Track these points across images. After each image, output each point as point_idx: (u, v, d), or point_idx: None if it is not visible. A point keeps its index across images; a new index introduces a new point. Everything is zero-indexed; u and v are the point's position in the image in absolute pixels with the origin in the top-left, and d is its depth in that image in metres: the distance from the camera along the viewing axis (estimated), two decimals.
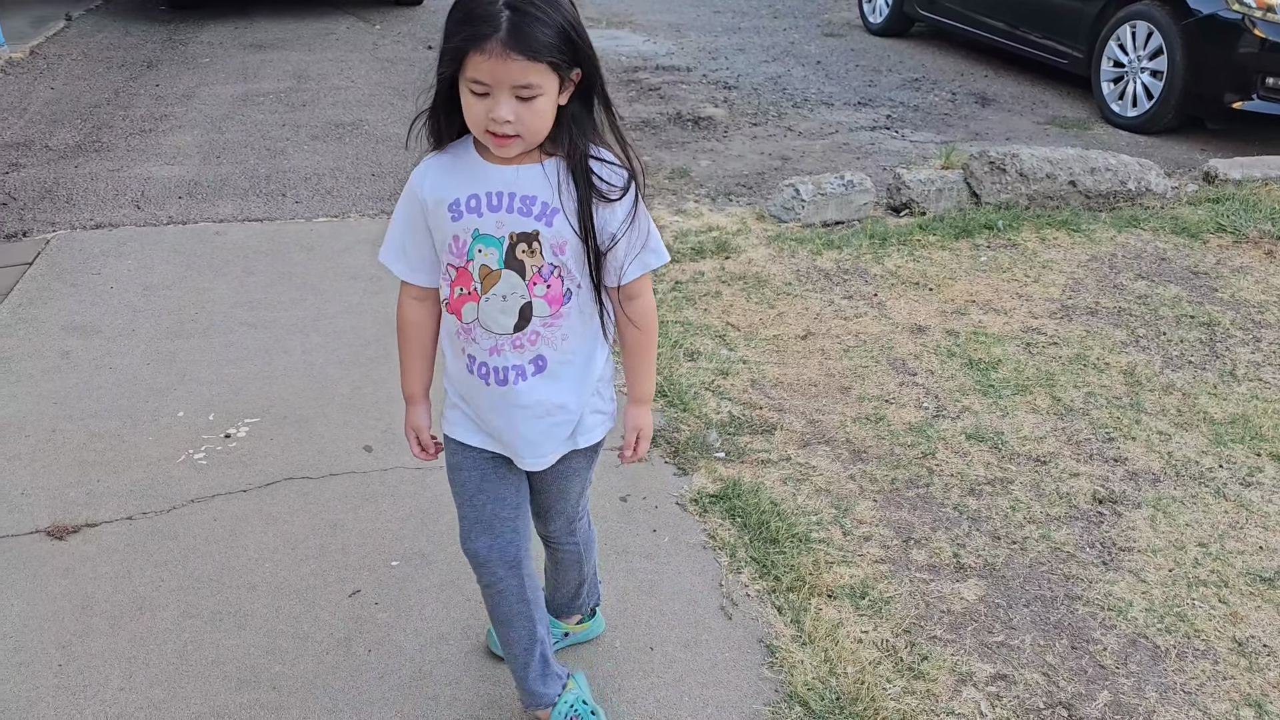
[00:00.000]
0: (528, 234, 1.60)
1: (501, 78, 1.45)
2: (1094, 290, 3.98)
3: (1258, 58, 5.67)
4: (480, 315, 1.65)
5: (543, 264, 1.62)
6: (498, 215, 1.60)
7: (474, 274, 1.63)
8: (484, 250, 1.62)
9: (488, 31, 1.42)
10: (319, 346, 3.45)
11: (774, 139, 5.98)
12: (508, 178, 1.60)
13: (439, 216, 1.63)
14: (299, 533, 2.57)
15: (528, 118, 1.49)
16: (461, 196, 1.61)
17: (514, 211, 1.60)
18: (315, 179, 5.02)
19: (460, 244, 1.62)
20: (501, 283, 1.63)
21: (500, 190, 1.60)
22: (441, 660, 2.18)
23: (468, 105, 1.51)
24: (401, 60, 7.51)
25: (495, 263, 1.62)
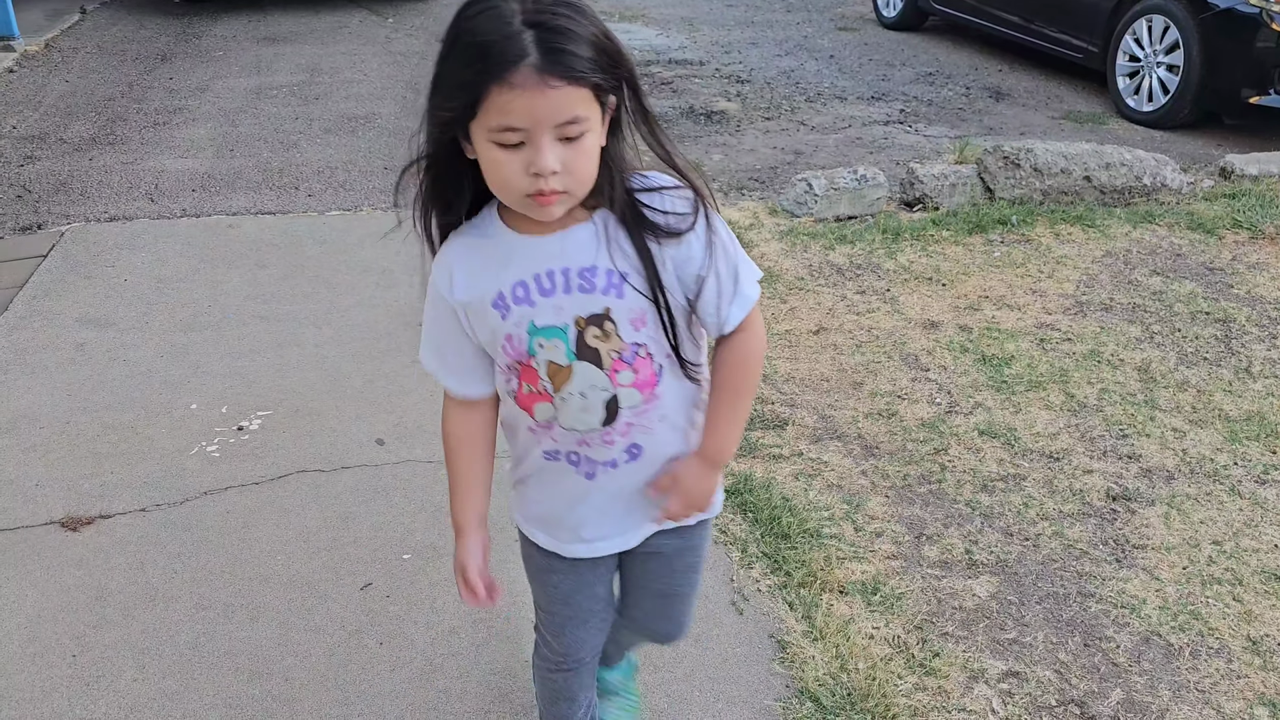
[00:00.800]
0: (597, 315, 1.29)
1: (542, 115, 1.13)
2: (1108, 286, 3.96)
3: (1275, 52, 5.62)
4: (559, 415, 1.36)
5: (623, 347, 1.31)
6: (554, 299, 1.29)
7: (540, 371, 1.32)
8: (546, 344, 1.31)
9: (514, 57, 1.11)
10: (331, 340, 3.46)
11: (787, 133, 5.96)
12: (553, 250, 1.29)
13: (483, 317, 1.33)
14: (311, 525, 2.57)
15: (577, 163, 1.18)
16: (505, 288, 1.30)
17: (573, 291, 1.28)
18: (328, 172, 5.02)
19: (517, 342, 1.32)
20: (576, 378, 1.32)
21: (550, 268, 1.28)
22: (453, 653, 2.19)
23: (494, 165, 1.18)
24: (414, 54, 7.51)
25: (563, 356, 1.31)
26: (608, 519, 1.48)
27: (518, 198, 1.21)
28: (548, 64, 1.12)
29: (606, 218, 1.28)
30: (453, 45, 1.16)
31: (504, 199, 1.24)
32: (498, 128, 1.15)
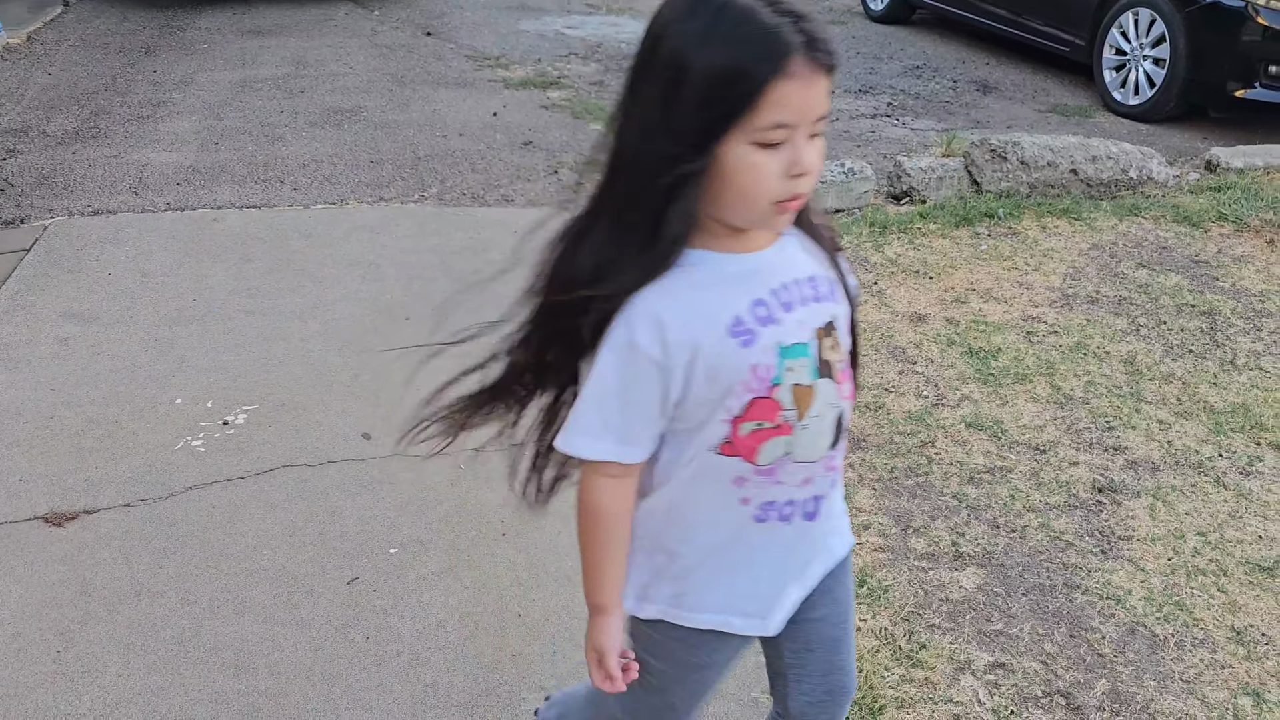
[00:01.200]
0: (829, 325, 1.23)
1: (810, 107, 1.07)
2: (1095, 279, 3.97)
3: (1260, 45, 5.65)
4: (794, 447, 1.23)
5: (844, 357, 1.26)
6: (796, 313, 1.20)
7: (783, 401, 1.20)
8: (794, 366, 1.20)
9: (786, 47, 1.03)
10: (317, 334, 3.44)
11: None
12: (775, 261, 1.21)
13: (718, 357, 1.17)
14: (297, 520, 2.56)
15: (819, 163, 1.13)
16: (741, 311, 1.17)
17: (808, 301, 1.21)
18: (313, 165, 5.00)
19: (763, 371, 1.18)
20: (818, 398, 1.22)
21: (784, 281, 1.20)
22: (440, 647, 2.18)
23: (750, 171, 1.08)
24: (400, 47, 7.48)
25: (809, 375, 1.21)
26: (809, 569, 1.36)
27: (764, 206, 1.12)
28: (813, 51, 1.05)
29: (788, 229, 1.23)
30: (705, 46, 1.05)
31: (740, 212, 1.13)
32: (769, 125, 1.06)
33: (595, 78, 6.80)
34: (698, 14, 1.06)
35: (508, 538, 2.51)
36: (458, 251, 4.09)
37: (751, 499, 1.25)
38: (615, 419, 1.19)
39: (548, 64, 7.09)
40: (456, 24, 8.25)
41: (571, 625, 2.24)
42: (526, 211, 4.55)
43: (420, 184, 4.83)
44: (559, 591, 2.34)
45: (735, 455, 1.22)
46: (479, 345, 1.39)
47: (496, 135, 5.55)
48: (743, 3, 1.05)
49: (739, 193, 1.10)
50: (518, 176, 4.97)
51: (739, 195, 1.11)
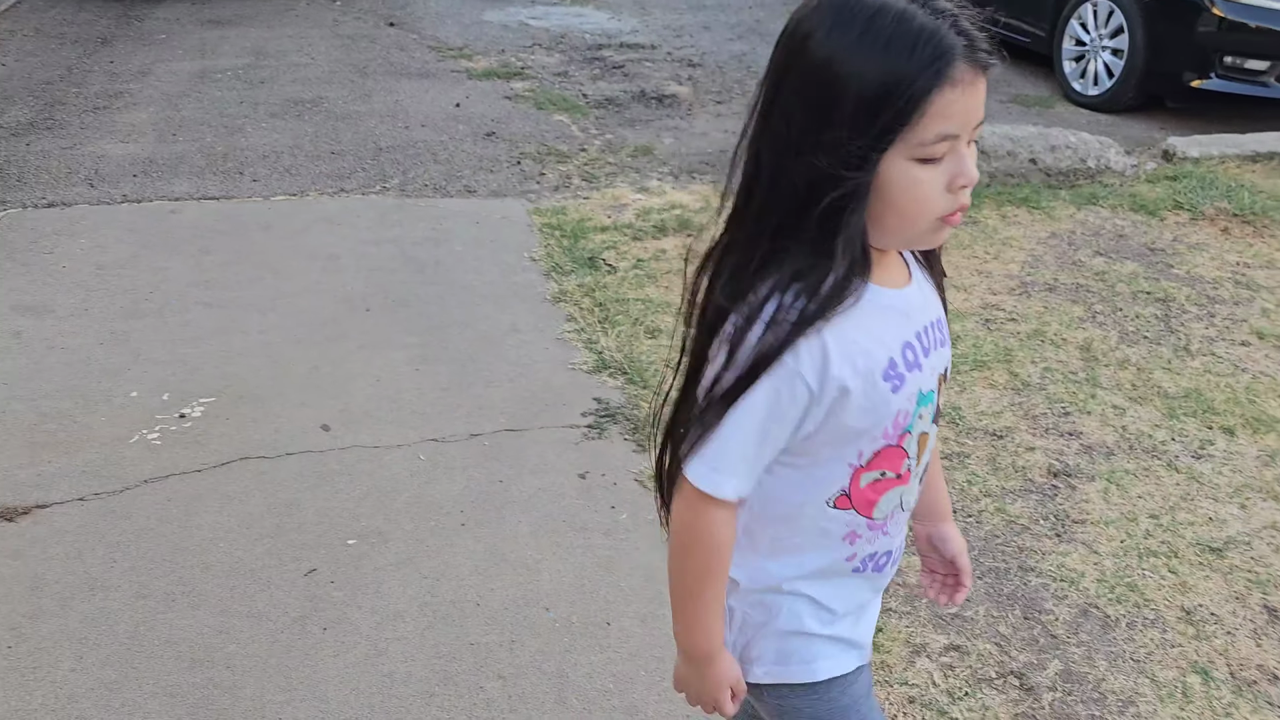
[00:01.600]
0: (946, 369, 1.17)
1: (973, 114, 0.99)
2: (1053, 267, 4.02)
3: (1216, 37, 5.73)
4: (906, 497, 1.17)
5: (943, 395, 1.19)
6: (931, 359, 1.12)
7: (909, 450, 1.13)
8: (924, 414, 1.13)
9: (949, 52, 0.95)
10: (276, 326, 3.41)
11: (738, 117, 5.96)
12: (917, 300, 1.13)
13: (868, 397, 1.07)
14: (254, 512, 2.54)
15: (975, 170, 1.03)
16: (895, 354, 1.08)
17: (937, 346, 1.14)
18: (274, 157, 4.95)
19: (902, 419, 1.10)
20: (929, 445, 1.17)
21: (926, 323, 1.13)
22: (398, 638, 2.17)
23: (912, 188, 1.00)
24: (363, 37, 7.41)
25: (929, 423, 1.15)
26: (875, 603, 1.30)
27: (926, 224, 1.03)
28: (974, 53, 0.96)
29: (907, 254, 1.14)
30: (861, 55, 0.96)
31: (901, 232, 1.05)
32: (934, 138, 0.97)
33: (559, 69, 6.78)
34: (848, 21, 0.97)
35: (467, 527, 2.50)
36: (419, 242, 4.07)
37: (858, 554, 1.17)
38: (752, 452, 1.08)
39: (511, 55, 7.06)
40: (420, 14, 8.19)
41: (530, 615, 2.24)
42: (489, 202, 4.53)
43: (382, 175, 4.80)
44: (518, 581, 2.34)
45: (850, 509, 1.14)
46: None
47: (459, 126, 5.52)
48: (896, 6, 0.96)
49: (901, 211, 1.01)
50: (480, 167, 4.94)
51: (901, 214, 1.02)
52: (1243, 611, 2.31)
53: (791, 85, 1.00)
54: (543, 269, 3.88)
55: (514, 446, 2.83)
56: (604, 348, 3.31)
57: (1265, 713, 2.06)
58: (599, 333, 3.40)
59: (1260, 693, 2.11)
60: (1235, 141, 5.32)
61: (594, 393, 3.08)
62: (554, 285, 3.74)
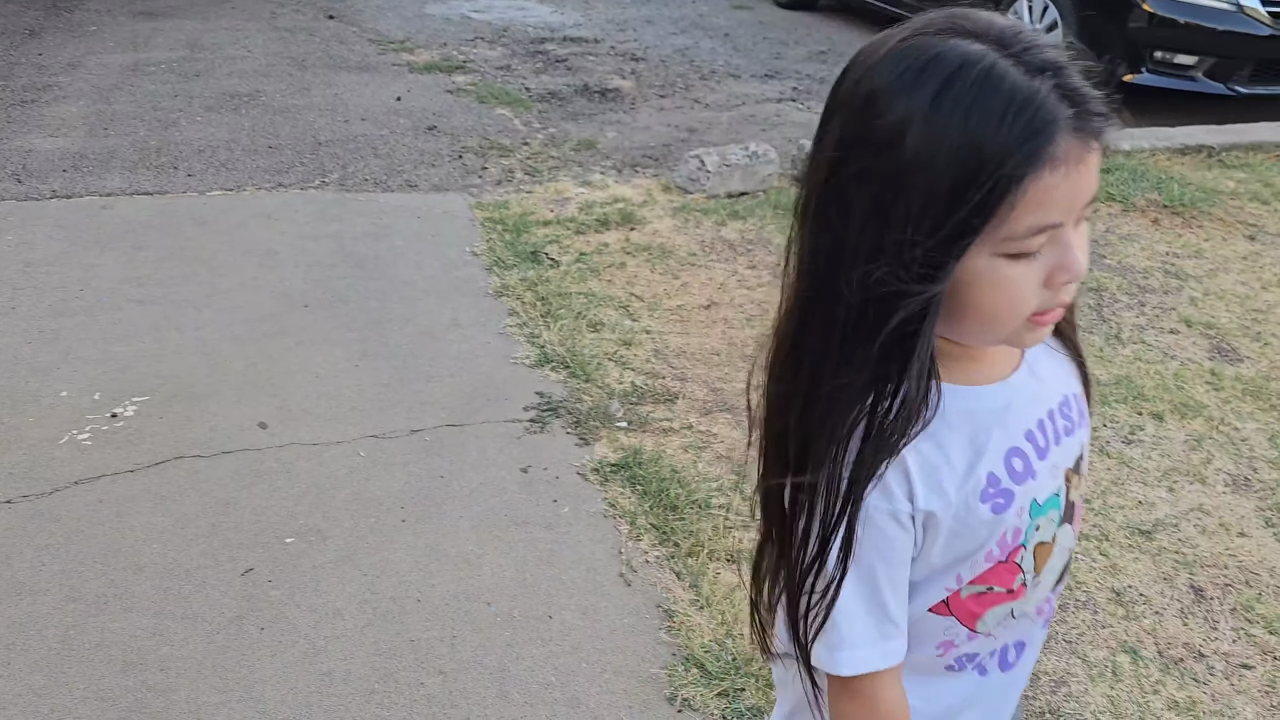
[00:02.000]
0: (1078, 459, 0.98)
1: (1079, 196, 0.79)
2: None
3: (1146, 32, 5.86)
4: (1020, 608, 0.99)
5: (1084, 487, 1.00)
6: (1050, 459, 0.94)
7: (1024, 564, 0.95)
8: (1043, 523, 0.94)
9: (1050, 125, 0.75)
10: (212, 322, 3.35)
11: (681, 111, 5.98)
12: (1027, 389, 0.94)
13: (962, 522, 0.90)
14: (189, 512, 2.50)
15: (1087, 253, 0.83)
16: (996, 469, 0.90)
17: (1062, 437, 0.95)
18: (209, 151, 4.86)
19: (1012, 536, 0.93)
20: (1056, 550, 0.98)
21: (1039, 417, 0.94)
22: (337, 636, 2.15)
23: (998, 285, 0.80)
24: (301, 30, 7.30)
25: (1054, 527, 0.96)
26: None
27: (1015, 324, 0.83)
28: (1085, 120, 0.77)
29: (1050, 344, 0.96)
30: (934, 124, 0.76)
31: (983, 334, 0.86)
32: (1028, 231, 0.77)
33: (502, 62, 6.74)
34: (924, 80, 0.77)
35: (407, 523, 2.48)
36: (359, 238, 4.03)
37: (949, 654, 0.99)
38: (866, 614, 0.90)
39: (453, 48, 7.00)
40: (360, 7, 8.09)
41: (471, 609, 2.23)
42: (430, 197, 4.49)
43: (321, 169, 4.73)
44: (459, 576, 2.32)
45: (950, 617, 0.95)
46: None
47: (400, 120, 5.46)
48: (983, 60, 0.76)
49: (983, 314, 0.83)
50: (421, 162, 4.90)
51: (982, 317, 0.83)
52: (1170, 592, 2.37)
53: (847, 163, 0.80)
54: (484, 263, 3.85)
55: (455, 441, 2.81)
56: (546, 341, 3.30)
57: (1191, 689, 2.12)
58: (541, 327, 3.39)
59: (1186, 670, 2.16)
60: (1165, 135, 5.45)
61: (536, 387, 3.07)
62: (496, 280, 3.72)
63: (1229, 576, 2.44)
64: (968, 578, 0.93)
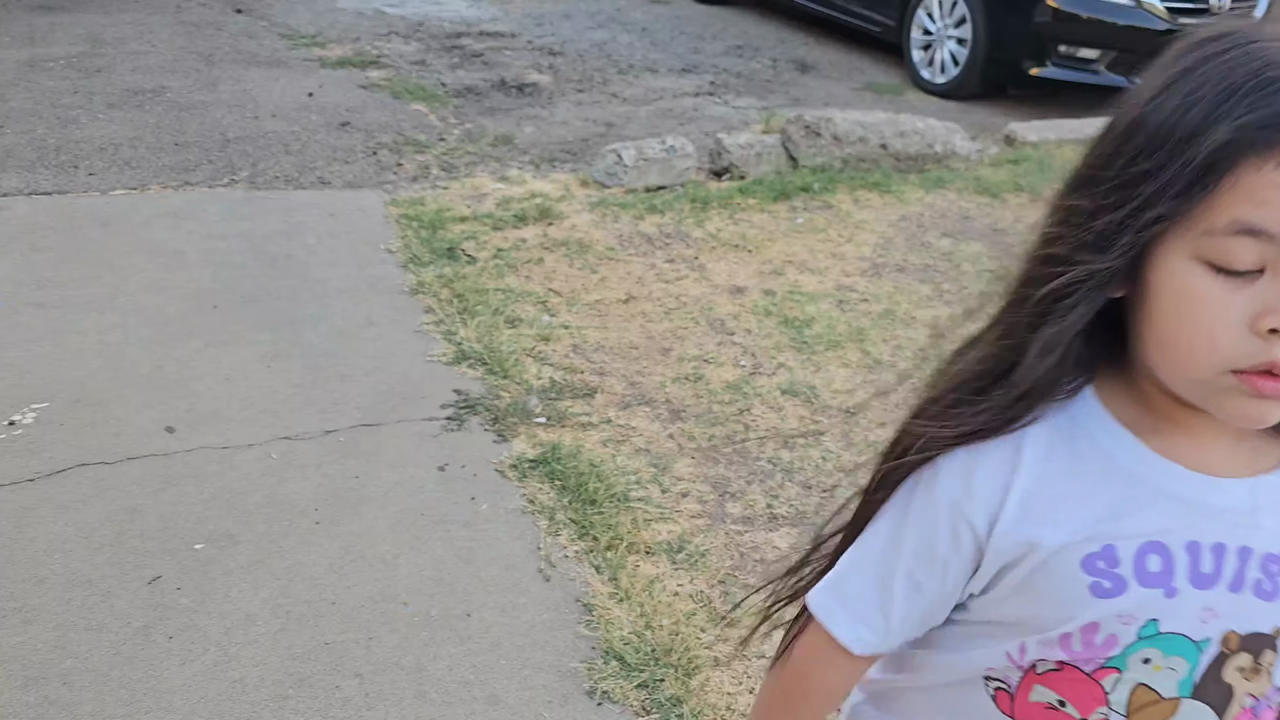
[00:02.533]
0: (1265, 637, 0.78)
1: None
2: (903, 248, 4.16)
3: (1051, 27, 6.02)
4: None
5: (1263, 694, 0.80)
6: (1209, 595, 0.76)
7: (1112, 693, 0.79)
8: (1158, 663, 0.78)
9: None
10: (116, 326, 3.25)
11: (599, 105, 5.97)
12: (1238, 505, 0.77)
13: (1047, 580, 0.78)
14: (93, 521, 2.42)
15: None
16: (1121, 542, 0.76)
17: (1246, 588, 0.76)
18: (111, 149, 4.70)
19: (1102, 643, 0.78)
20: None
21: (1225, 540, 0.76)
22: (249, 641, 2.11)
23: (1188, 296, 0.70)
24: (208, 24, 7.11)
25: (1174, 687, 0.79)
26: None
27: (1208, 369, 0.70)
28: None
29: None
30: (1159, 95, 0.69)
31: (1169, 366, 0.73)
32: (1231, 227, 0.66)
33: (417, 57, 6.65)
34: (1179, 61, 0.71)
35: (321, 526, 2.44)
36: (270, 236, 3.94)
37: None
38: (870, 573, 0.87)
39: (367, 43, 6.89)
40: (269, 0, 7.90)
41: (388, 610, 2.20)
42: (344, 194, 4.42)
43: (230, 167, 4.62)
44: (375, 577, 2.29)
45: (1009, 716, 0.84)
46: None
47: (312, 116, 5.36)
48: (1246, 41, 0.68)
49: (1167, 335, 0.71)
50: (335, 158, 4.81)
51: (1166, 340, 0.72)
52: None
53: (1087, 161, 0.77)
54: (400, 261, 3.80)
55: (371, 441, 2.77)
56: (463, 338, 3.27)
57: None
58: (458, 323, 3.36)
59: None
60: (1070, 126, 5.61)
61: (453, 384, 3.04)
62: (412, 277, 3.67)
63: None
64: (1034, 654, 0.80)
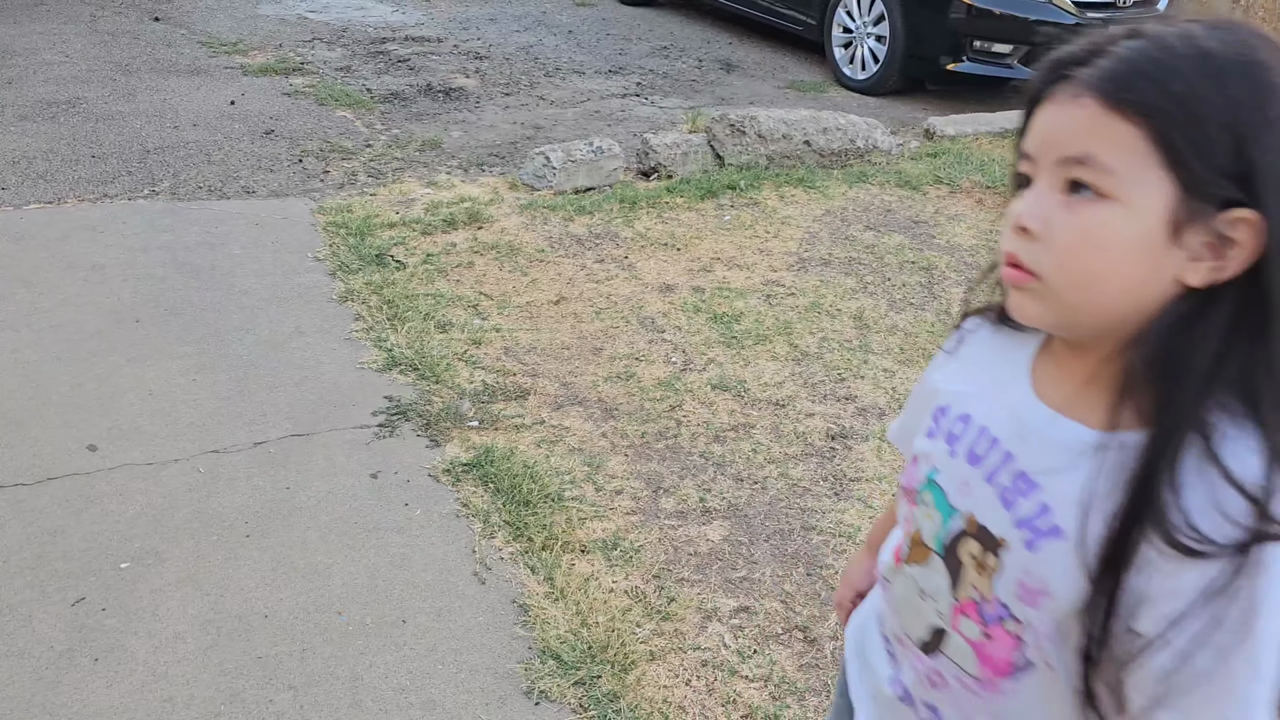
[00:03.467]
0: (990, 536, 0.88)
1: (1050, 141, 0.80)
2: (828, 242, 4.23)
3: (966, 23, 6.16)
4: (895, 582, 1.01)
5: (987, 597, 0.88)
6: (971, 471, 0.90)
7: (910, 518, 0.98)
8: (928, 509, 0.95)
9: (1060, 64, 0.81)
10: (32, 343, 3.17)
11: (526, 108, 5.97)
12: (1027, 421, 0.87)
13: (925, 411, 1.00)
14: (11, 544, 2.36)
15: (1062, 233, 0.78)
16: (953, 404, 0.95)
17: (994, 485, 0.88)
18: (25, 162, 4.58)
19: (915, 472, 0.98)
20: (924, 570, 0.95)
21: (998, 435, 0.89)
22: (179, 660, 2.08)
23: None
24: (124, 33, 6.96)
25: (932, 539, 0.94)
26: None
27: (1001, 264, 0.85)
28: (1092, 76, 0.77)
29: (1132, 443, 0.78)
30: None
31: None
32: (1020, 153, 0.84)
33: (341, 63, 6.58)
34: None
35: (252, 539, 2.41)
36: (193, 248, 3.87)
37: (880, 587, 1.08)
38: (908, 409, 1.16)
39: (290, 49, 6.80)
40: (188, 8, 7.76)
41: (322, 620, 2.19)
42: (269, 203, 4.36)
43: (150, 178, 4.53)
44: (308, 587, 2.27)
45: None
46: None
47: (235, 124, 5.28)
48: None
49: None
50: (259, 167, 4.75)
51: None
52: None
53: None
54: (328, 268, 3.77)
55: (301, 451, 2.74)
56: (394, 345, 3.25)
57: None
58: (388, 330, 3.34)
59: None
60: (987, 120, 5.75)
61: (384, 391, 3.03)
62: (340, 284, 3.64)
63: None
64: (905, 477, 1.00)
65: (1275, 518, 0.72)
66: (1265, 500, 0.73)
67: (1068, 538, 0.81)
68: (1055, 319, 0.82)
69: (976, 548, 0.88)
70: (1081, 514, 0.79)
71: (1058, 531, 0.82)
